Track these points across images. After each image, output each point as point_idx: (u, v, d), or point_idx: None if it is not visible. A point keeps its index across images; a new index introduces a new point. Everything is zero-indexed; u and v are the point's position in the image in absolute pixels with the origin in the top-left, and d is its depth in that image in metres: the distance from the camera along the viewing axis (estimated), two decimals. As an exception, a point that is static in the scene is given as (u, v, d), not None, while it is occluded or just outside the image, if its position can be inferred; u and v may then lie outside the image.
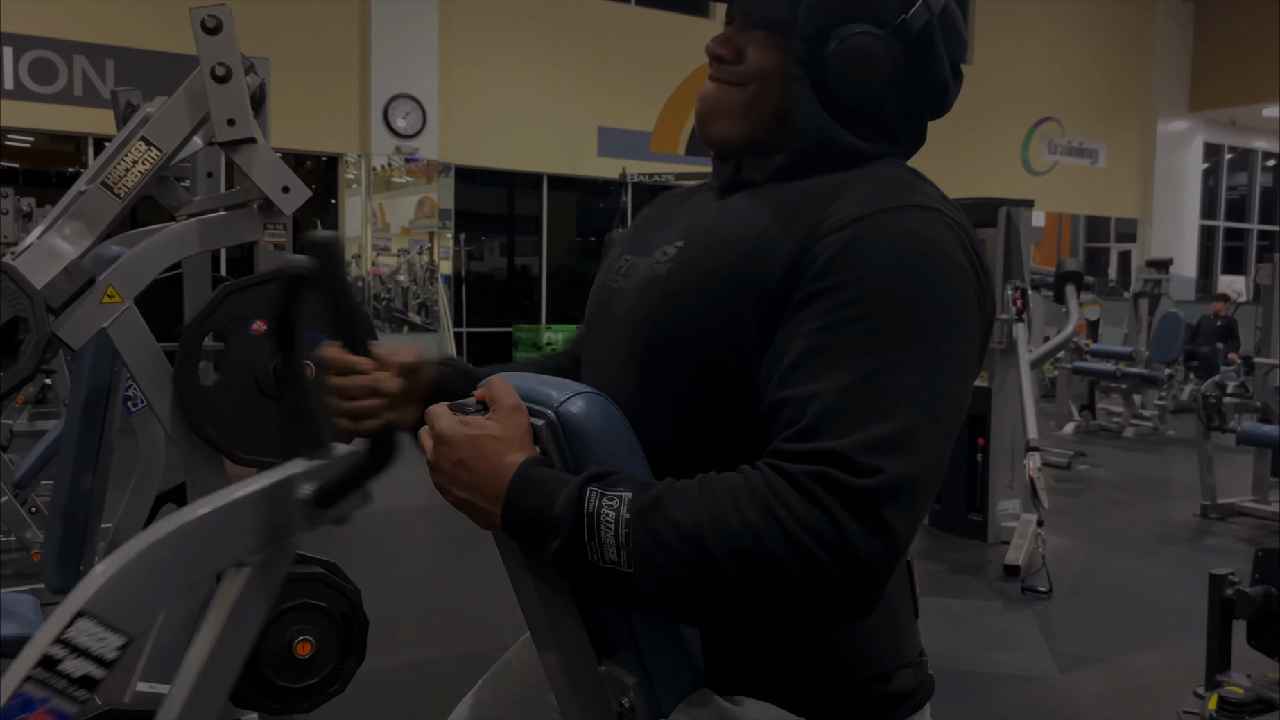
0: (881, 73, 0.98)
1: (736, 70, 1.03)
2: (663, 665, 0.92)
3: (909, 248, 0.90)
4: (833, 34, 0.97)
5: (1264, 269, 6.57)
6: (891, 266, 0.89)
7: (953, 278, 0.91)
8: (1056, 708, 3.20)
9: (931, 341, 0.88)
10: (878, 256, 0.89)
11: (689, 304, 0.95)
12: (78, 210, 1.63)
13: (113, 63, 9.43)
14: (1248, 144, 18.54)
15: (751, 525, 0.80)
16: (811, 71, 0.99)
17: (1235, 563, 3.18)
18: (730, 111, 1.03)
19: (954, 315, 0.90)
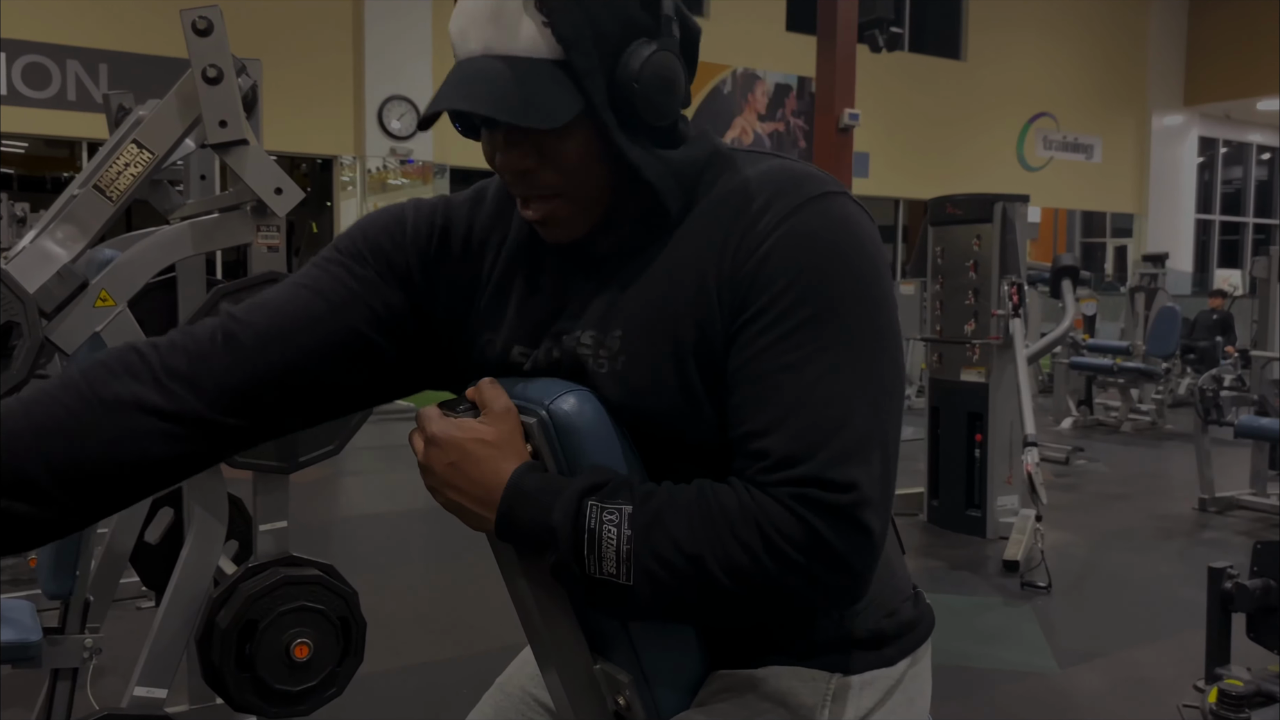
0: (680, 79, 0.93)
1: (548, 176, 0.93)
2: (659, 662, 0.92)
3: (819, 251, 0.89)
4: (625, 77, 0.89)
5: (1260, 262, 6.58)
6: (805, 273, 0.88)
7: (865, 265, 0.90)
8: (1056, 703, 3.20)
9: (860, 335, 0.88)
10: (788, 268, 0.88)
11: (658, 394, 0.93)
12: (69, 214, 1.62)
13: (106, 67, 9.42)
14: (1242, 137, 18.57)
15: (748, 546, 0.84)
16: (624, 122, 0.91)
17: (1234, 556, 3.19)
18: (575, 213, 0.95)
19: (871, 299, 0.90)
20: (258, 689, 1.70)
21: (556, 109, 0.88)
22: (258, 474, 1.75)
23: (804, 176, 0.93)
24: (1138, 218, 17.31)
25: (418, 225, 1.04)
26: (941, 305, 5.33)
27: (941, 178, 13.20)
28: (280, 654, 1.70)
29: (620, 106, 0.90)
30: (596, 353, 0.95)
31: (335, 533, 5.22)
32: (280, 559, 1.76)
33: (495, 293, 1.03)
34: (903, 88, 13.83)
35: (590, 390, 0.93)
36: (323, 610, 1.75)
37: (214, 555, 1.80)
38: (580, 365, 0.96)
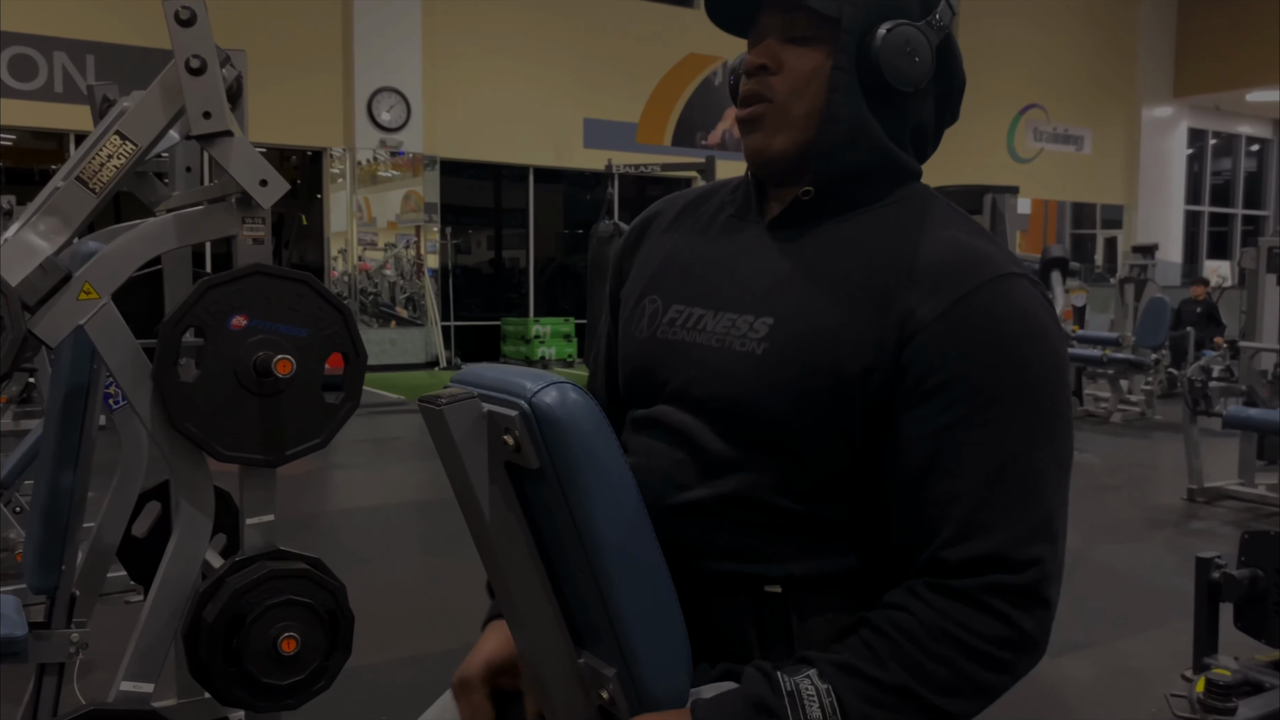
0: (926, 63, 1.00)
1: (779, 79, 1.02)
2: (644, 656, 0.91)
3: (1013, 330, 0.93)
4: (877, 26, 0.98)
5: (1248, 253, 6.61)
6: (999, 351, 0.92)
7: (1052, 347, 0.95)
8: (1046, 693, 3.21)
9: (1049, 417, 0.93)
10: (984, 344, 0.92)
11: (792, 399, 0.96)
12: (52, 206, 1.61)
13: (93, 58, 9.37)
14: (1232, 129, 18.63)
15: (946, 660, 0.88)
16: (860, 66, 0.99)
17: (1222, 546, 3.20)
18: (778, 125, 1.02)
19: (1059, 381, 0.95)
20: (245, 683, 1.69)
21: (821, 3, 0.98)
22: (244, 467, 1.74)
23: (995, 253, 0.97)
24: (1127, 209, 17.35)
25: (634, 228, 1.22)
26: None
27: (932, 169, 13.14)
28: (268, 648, 1.69)
29: (866, 58, 0.98)
30: (743, 332, 0.99)
31: (323, 526, 5.21)
32: (267, 553, 1.75)
33: (666, 260, 1.12)
34: (893, 79, 13.83)
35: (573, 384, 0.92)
36: (310, 604, 1.74)
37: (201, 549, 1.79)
38: (722, 339, 1.00)
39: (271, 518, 1.79)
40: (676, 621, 0.94)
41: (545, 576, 0.93)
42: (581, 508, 0.88)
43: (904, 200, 1.03)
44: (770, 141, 1.02)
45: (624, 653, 0.90)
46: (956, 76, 1.06)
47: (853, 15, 0.98)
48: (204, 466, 1.71)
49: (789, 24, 1.01)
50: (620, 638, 0.90)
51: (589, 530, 0.89)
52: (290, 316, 1.66)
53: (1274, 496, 5.57)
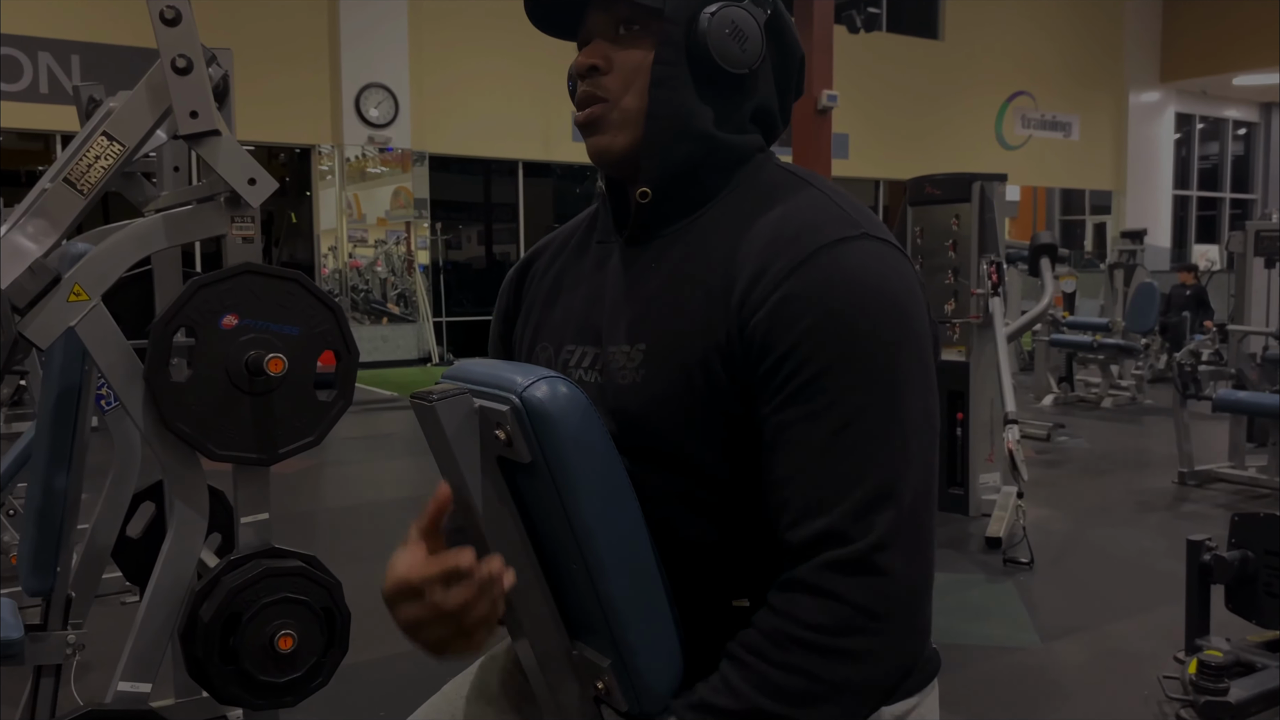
0: (755, 42, 0.98)
1: (610, 78, 1.00)
2: (638, 647, 0.92)
3: (839, 295, 0.89)
4: (702, 11, 0.97)
5: (1236, 237, 6.64)
6: (825, 318, 0.88)
7: (889, 302, 0.91)
8: (1039, 677, 3.23)
9: (885, 377, 0.88)
10: (809, 315, 0.89)
11: (682, 419, 0.94)
12: (40, 208, 1.61)
13: (78, 58, 9.32)
14: (1219, 113, 18.68)
15: (794, 666, 0.85)
16: (689, 54, 0.97)
17: (1213, 528, 3.22)
18: (611, 123, 1.00)
19: (898, 338, 0.90)
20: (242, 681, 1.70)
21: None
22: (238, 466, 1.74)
23: (826, 220, 0.94)
24: (1116, 194, 17.39)
25: (517, 268, 1.22)
26: (921, 285, 5.34)
27: (921, 158, 13.22)
28: (264, 646, 1.70)
29: (694, 44, 0.97)
30: (622, 364, 0.98)
31: (318, 524, 5.21)
32: (262, 551, 1.75)
33: (549, 299, 1.12)
34: (881, 68, 13.83)
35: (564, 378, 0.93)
36: (306, 601, 1.74)
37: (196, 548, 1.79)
38: (610, 375, 0.99)
39: (266, 516, 1.79)
40: (668, 613, 0.94)
41: (539, 569, 0.94)
42: (573, 500, 0.89)
43: (744, 184, 1.00)
44: (612, 142, 1.01)
45: (617, 643, 0.91)
46: (792, 50, 1.04)
47: (676, 4, 0.97)
48: (197, 466, 1.71)
49: (614, 20, 1.00)
50: (614, 629, 0.90)
51: (581, 522, 0.89)
52: (281, 315, 1.66)
53: (1264, 479, 5.61)
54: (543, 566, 0.94)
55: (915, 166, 8.02)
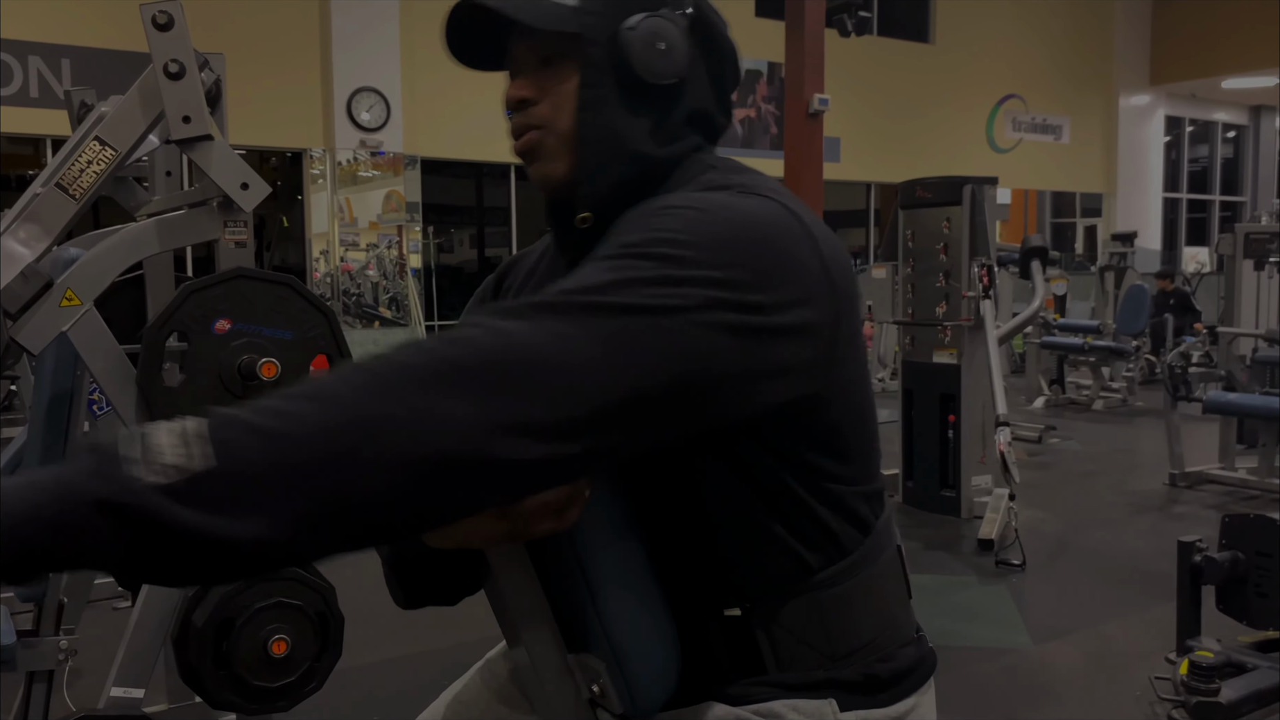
0: (680, 49, 0.96)
1: (542, 107, 0.99)
2: (633, 651, 0.92)
3: (647, 210, 0.88)
4: (621, 27, 0.95)
5: (1226, 239, 6.66)
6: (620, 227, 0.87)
7: (683, 223, 0.84)
8: (1032, 678, 3.24)
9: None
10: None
11: None
12: (32, 213, 1.61)
13: (69, 63, 9.30)
14: (1208, 116, 18.75)
15: None
16: (615, 73, 0.96)
17: (1204, 530, 3.23)
18: (547, 151, 0.99)
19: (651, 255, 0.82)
20: (236, 686, 1.70)
21: (547, 18, 0.95)
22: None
23: (720, 187, 0.92)
24: (1106, 197, 17.45)
25: (493, 278, 1.21)
26: (913, 288, 5.36)
27: (912, 161, 13.24)
28: (258, 651, 1.70)
29: (618, 63, 0.95)
30: None
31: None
32: (255, 555, 1.75)
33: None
34: (872, 72, 13.85)
35: None
36: (300, 606, 1.74)
37: (188, 553, 1.79)
38: None
39: (259, 520, 1.79)
40: (664, 617, 0.95)
41: (534, 573, 0.94)
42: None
43: (673, 187, 0.98)
44: (553, 170, 0.99)
45: (613, 648, 0.91)
46: (721, 46, 1.02)
47: (593, 25, 0.95)
48: (190, 471, 1.71)
49: (536, 49, 0.99)
50: (609, 632, 0.91)
51: (578, 527, 0.90)
52: (274, 319, 1.66)
53: (1254, 480, 5.63)
54: (538, 570, 0.95)
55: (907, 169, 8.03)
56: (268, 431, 0.68)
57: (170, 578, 0.69)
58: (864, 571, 0.98)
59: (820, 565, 0.96)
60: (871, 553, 0.99)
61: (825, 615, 0.96)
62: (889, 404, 6.82)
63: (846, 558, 0.97)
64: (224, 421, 0.68)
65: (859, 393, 0.97)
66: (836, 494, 0.96)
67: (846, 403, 0.94)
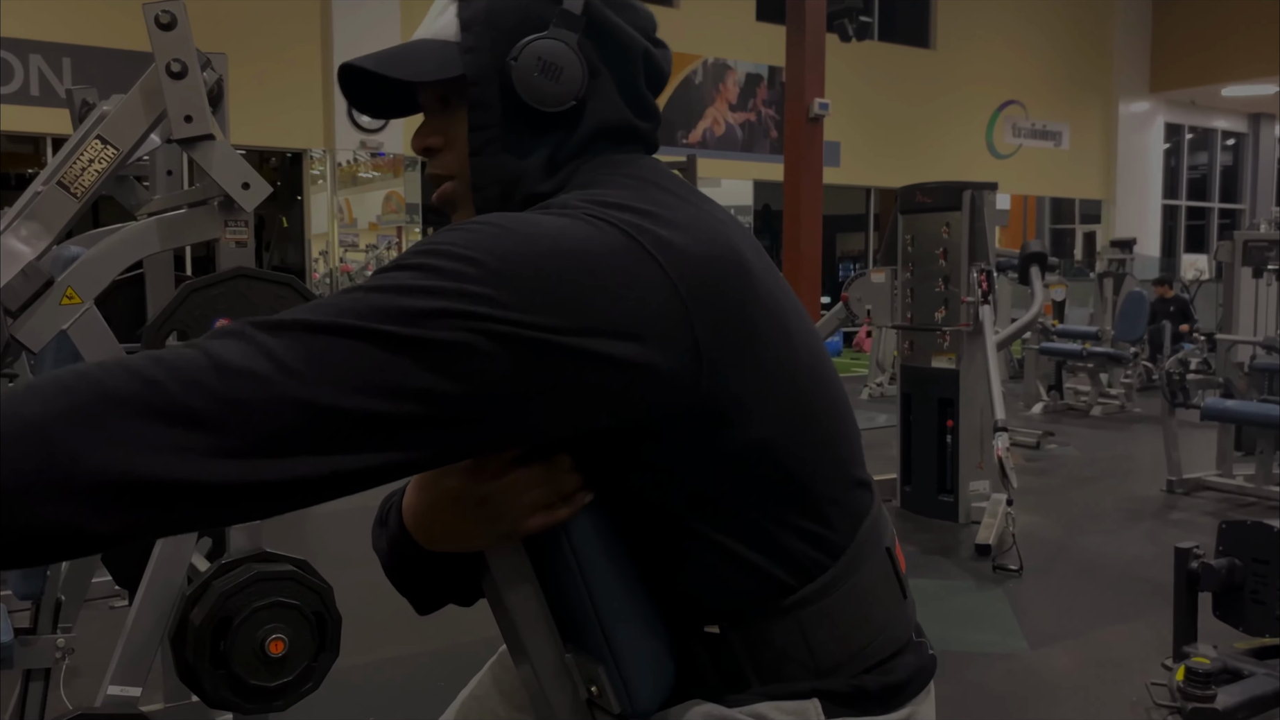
0: (574, 68, 0.91)
1: (448, 155, 0.96)
2: (630, 651, 0.92)
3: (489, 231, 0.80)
4: (505, 59, 0.91)
5: (1224, 246, 6.67)
6: None
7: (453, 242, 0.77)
8: (1028, 683, 3.24)
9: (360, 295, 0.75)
10: None
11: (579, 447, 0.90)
12: (33, 211, 1.61)
13: (69, 61, 9.30)
14: (1208, 124, 18.78)
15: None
16: (505, 108, 0.92)
17: (1201, 536, 3.24)
18: (463, 199, 0.96)
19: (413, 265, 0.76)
20: (233, 686, 1.70)
21: (425, 67, 0.92)
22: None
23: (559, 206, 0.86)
24: (1105, 203, 17.47)
25: None
26: (912, 293, 5.37)
27: (912, 166, 13.27)
28: (255, 650, 1.70)
29: (508, 98, 0.91)
30: None
31: (309, 528, 5.19)
32: (254, 555, 1.75)
33: None
34: (872, 77, 13.88)
35: None
36: (297, 605, 1.75)
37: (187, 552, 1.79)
38: None
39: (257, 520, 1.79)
40: (659, 618, 0.95)
41: (533, 573, 0.95)
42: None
43: None
44: (456, 220, 0.96)
45: (611, 647, 0.91)
46: (628, 47, 0.95)
47: (475, 62, 0.91)
48: (189, 470, 1.71)
49: (432, 97, 0.96)
50: (607, 633, 0.91)
51: (574, 525, 0.90)
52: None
53: (1251, 487, 5.64)
54: (537, 571, 0.95)
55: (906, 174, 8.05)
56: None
57: None
58: (847, 583, 0.93)
59: (798, 583, 0.91)
60: (855, 561, 0.94)
61: (807, 632, 0.92)
62: (887, 408, 6.83)
63: (826, 571, 0.92)
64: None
65: (792, 398, 0.89)
66: (795, 510, 0.90)
67: (768, 418, 0.87)
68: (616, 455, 0.88)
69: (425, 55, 0.93)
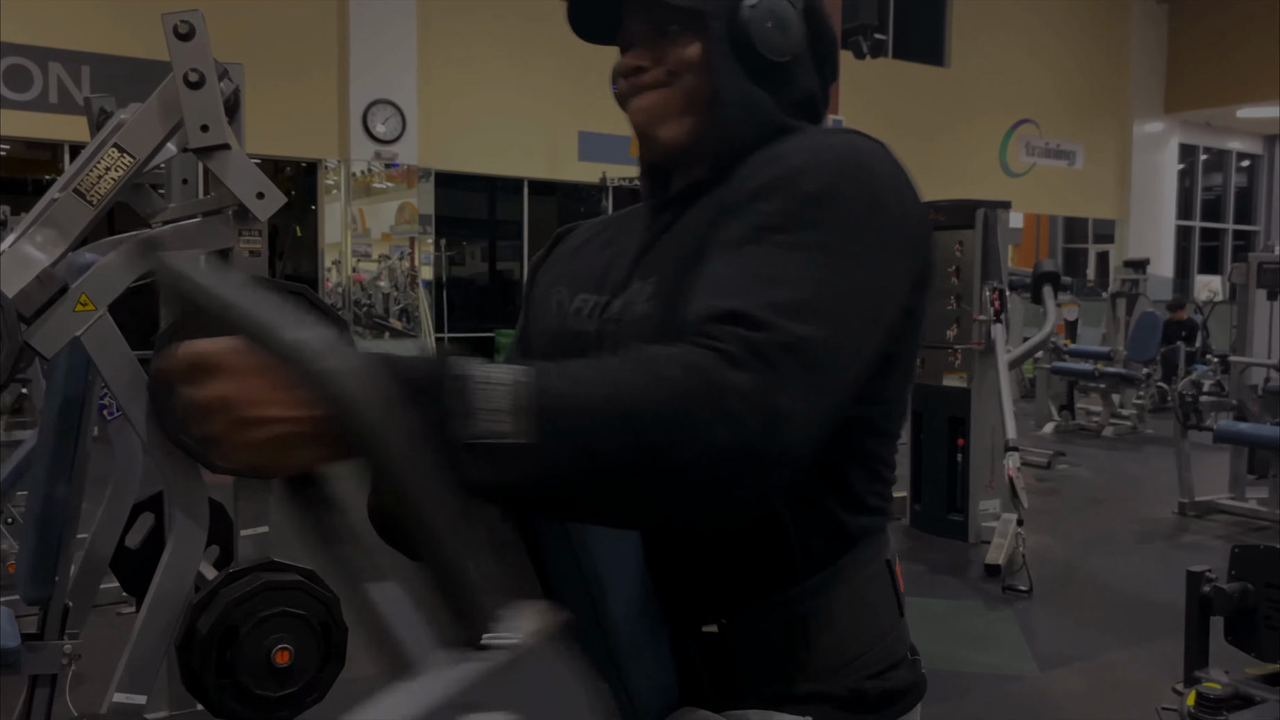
0: (796, 31, 1.00)
1: (659, 72, 1.01)
2: (635, 664, 0.92)
3: (832, 154, 0.92)
4: (743, 4, 0.98)
5: (1239, 268, 6.64)
6: (811, 166, 0.90)
7: (879, 181, 0.92)
8: (1037, 706, 3.21)
9: (849, 233, 0.86)
10: (797, 160, 0.91)
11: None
12: (49, 218, 1.62)
13: (88, 69, 9.37)
14: (1222, 145, 18.73)
15: (655, 374, 0.74)
16: (734, 48, 0.99)
17: (1213, 560, 3.21)
18: (671, 111, 1.01)
19: (879, 218, 0.90)
20: (238, 695, 1.70)
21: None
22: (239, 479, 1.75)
23: (830, 130, 1.00)
24: (1119, 223, 17.42)
25: (554, 236, 1.23)
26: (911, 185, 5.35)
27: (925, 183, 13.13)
28: (261, 660, 1.70)
29: (738, 37, 0.98)
30: (634, 301, 0.97)
31: (318, 538, 5.19)
32: (261, 564, 1.75)
33: (574, 254, 1.14)
34: (887, 94, 13.89)
35: None
36: (304, 616, 1.74)
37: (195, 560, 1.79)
38: (618, 319, 0.98)
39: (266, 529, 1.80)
40: (662, 631, 0.95)
41: (538, 586, 0.94)
42: (575, 519, 0.89)
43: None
44: (672, 131, 1.01)
45: (615, 663, 0.91)
46: (828, 35, 1.06)
47: (716, 1, 0.99)
48: (199, 478, 1.72)
49: (653, 24, 1.01)
50: (612, 649, 0.91)
51: (580, 540, 0.90)
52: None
53: (1264, 510, 5.59)
54: (541, 583, 0.94)
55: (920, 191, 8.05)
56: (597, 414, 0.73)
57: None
58: (851, 581, 0.95)
59: (801, 574, 0.93)
60: (860, 559, 0.96)
61: (807, 629, 0.93)
62: (897, 426, 6.80)
63: (830, 566, 0.94)
64: (552, 394, 0.72)
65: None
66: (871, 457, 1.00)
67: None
68: None
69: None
